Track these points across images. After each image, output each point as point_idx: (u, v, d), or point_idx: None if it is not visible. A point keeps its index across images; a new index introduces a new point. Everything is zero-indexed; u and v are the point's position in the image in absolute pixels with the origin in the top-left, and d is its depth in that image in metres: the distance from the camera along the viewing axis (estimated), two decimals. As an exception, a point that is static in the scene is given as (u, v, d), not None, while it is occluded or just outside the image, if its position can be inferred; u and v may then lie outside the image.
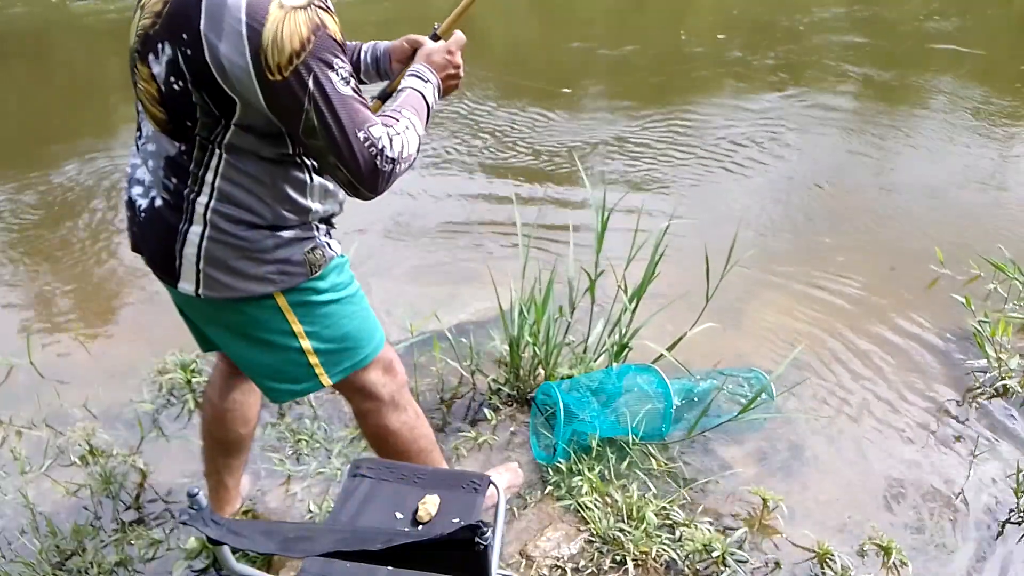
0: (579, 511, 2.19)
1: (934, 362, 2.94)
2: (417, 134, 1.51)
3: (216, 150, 1.42)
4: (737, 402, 2.60)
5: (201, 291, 1.51)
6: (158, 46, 1.38)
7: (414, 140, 1.50)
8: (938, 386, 2.81)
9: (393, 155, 1.42)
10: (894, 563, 2.11)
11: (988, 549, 2.19)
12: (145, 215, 1.54)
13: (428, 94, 1.59)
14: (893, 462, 2.47)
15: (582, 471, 2.28)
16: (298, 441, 2.50)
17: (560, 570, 2.05)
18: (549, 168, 4.55)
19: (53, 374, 2.88)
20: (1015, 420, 2.65)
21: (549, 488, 2.28)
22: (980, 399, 2.74)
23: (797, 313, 3.21)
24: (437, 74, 1.62)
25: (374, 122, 1.41)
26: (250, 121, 1.39)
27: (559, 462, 2.33)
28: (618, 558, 2.07)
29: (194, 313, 1.68)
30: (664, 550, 2.07)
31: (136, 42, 1.44)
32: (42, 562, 2.09)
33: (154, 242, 1.54)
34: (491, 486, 1.65)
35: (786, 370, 2.65)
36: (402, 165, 1.46)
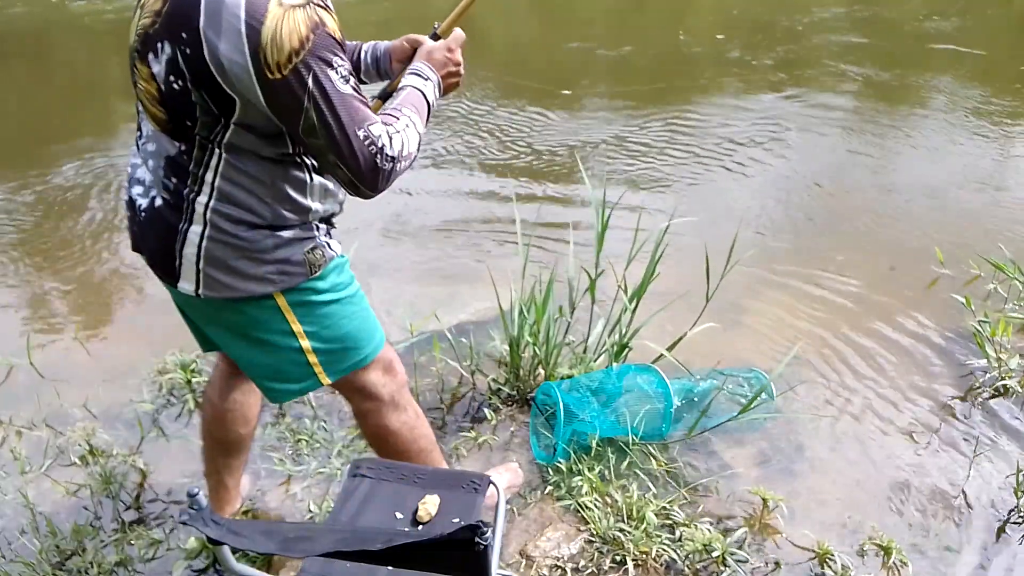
0: (579, 511, 2.19)
1: (934, 362, 2.94)
2: (417, 132, 1.51)
3: (216, 149, 1.42)
4: (737, 402, 2.60)
5: (201, 291, 1.51)
6: (158, 45, 1.38)
7: (414, 138, 1.50)
8: (938, 386, 2.81)
9: (393, 153, 1.42)
10: (894, 563, 2.11)
11: (988, 549, 2.19)
12: (145, 215, 1.54)
13: (428, 92, 1.59)
14: (893, 462, 2.47)
15: (582, 471, 2.28)
16: (298, 441, 2.50)
17: (560, 570, 2.05)
18: (549, 168, 4.55)
19: (53, 374, 2.88)
20: (1015, 420, 2.65)
21: (549, 488, 2.28)
22: (980, 399, 2.74)
23: (797, 313, 3.21)
24: (437, 72, 1.62)
25: (374, 120, 1.41)
26: (250, 120, 1.39)
27: (559, 462, 2.33)
28: (618, 558, 2.07)
29: (194, 313, 1.68)
30: (664, 550, 2.07)
31: (136, 41, 1.44)
32: (42, 562, 2.09)
33: (154, 242, 1.54)
34: (491, 486, 1.65)
35: (786, 370, 2.65)
36: (402, 163, 1.46)
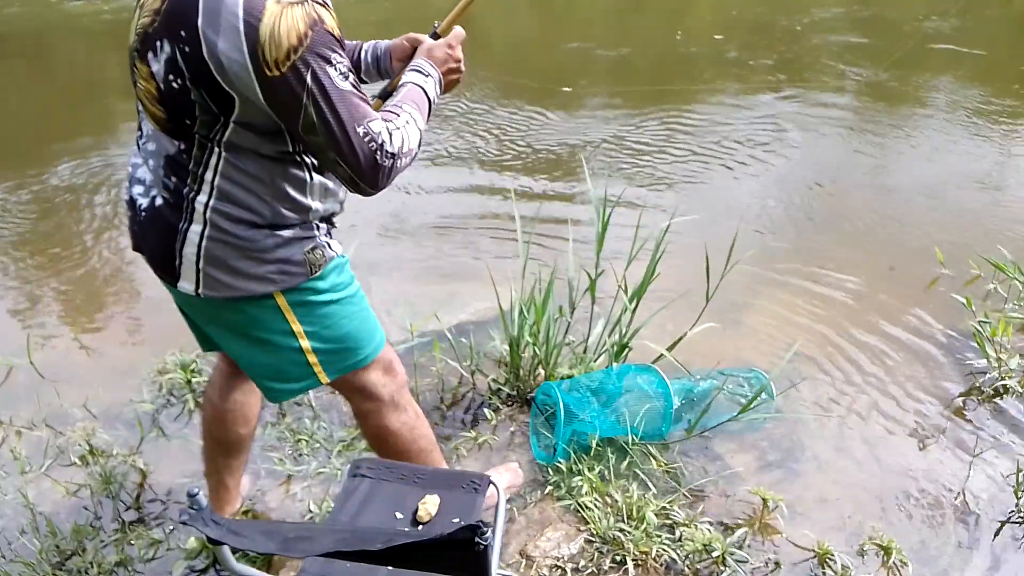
0: (579, 511, 2.19)
1: (934, 362, 2.94)
2: (418, 128, 1.51)
3: (216, 148, 1.42)
4: (737, 402, 2.59)
5: (201, 290, 1.51)
6: (157, 44, 1.38)
7: (415, 135, 1.49)
8: (938, 386, 2.81)
9: (393, 150, 1.42)
10: (894, 563, 2.11)
11: (988, 549, 2.19)
12: (145, 214, 1.54)
13: (429, 89, 1.59)
14: (893, 462, 2.47)
15: (582, 471, 2.28)
16: (298, 441, 2.50)
17: (560, 570, 2.04)
18: (549, 167, 4.55)
19: (53, 374, 2.87)
20: (1015, 420, 2.65)
21: (549, 488, 2.28)
22: (980, 399, 2.74)
23: (797, 313, 3.21)
24: (438, 69, 1.62)
25: (373, 117, 1.41)
26: (249, 118, 1.39)
27: (559, 462, 2.32)
28: (618, 558, 2.06)
29: (194, 312, 1.68)
30: (664, 550, 2.07)
31: (135, 41, 1.44)
32: (42, 562, 2.09)
33: (154, 241, 1.54)
34: (491, 486, 1.65)
35: (786, 369, 2.65)
36: (403, 160, 1.46)
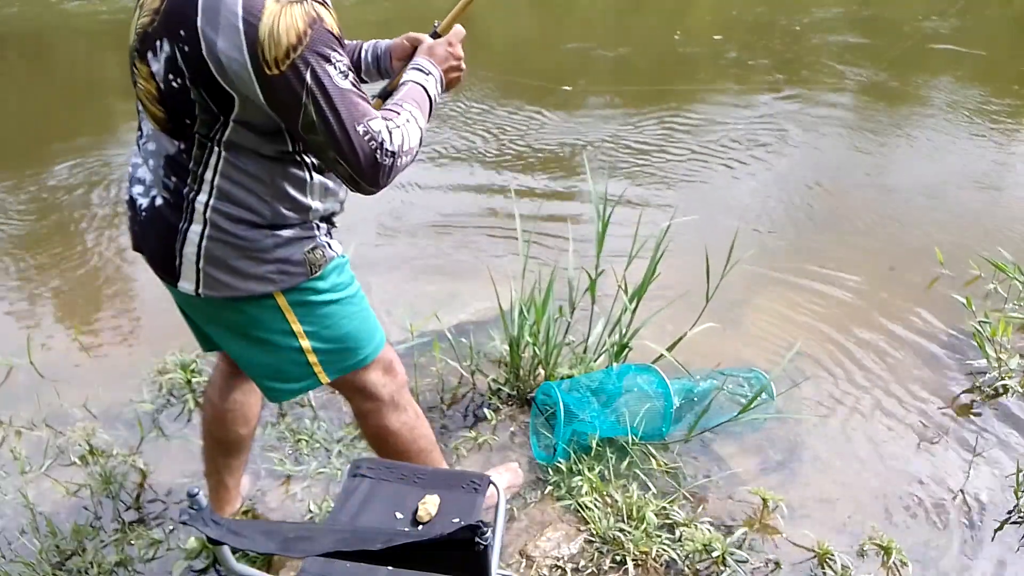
0: (579, 511, 2.19)
1: (934, 362, 2.94)
2: (419, 127, 1.50)
3: (215, 148, 1.42)
4: (737, 402, 2.59)
5: (201, 290, 1.51)
6: (156, 44, 1.38)
7: (415, 133, 1.49)
8: (938, 386, 2.81)
9: (393, 148, 1.42)
10: (894, 563, 2.11)
11: (988, 549, 2.19)
12: (146, 214, 1.54)
13: (430, 87, 1.58)
14: (893, 462, 2.47)
15: (582, 471, 2.28)
16: (298, 441, 2.50)
17: (560, 570, 2.04)
18: (549, 167, 4.55)
19: (53, 374, 2.87)
20: (1015, 420, 2.65)
21: (549, 488, 2.28)
22: (980, 399, 2.74)
23: (797, 313, 3.21)
24: (439, 67, 1.61)
25: (373, 115, 1.41)
26: (249, 118, 1.39)
27: (559, 462, 2.32)
28: (618, 558, 2.06)
29: (195, 312, 1.68)
30: (664, 550, 2.07)
31: (135, 40, 1.44)
32: (42, 562, 2.09)
33: (154, 241, 1.54)
34: (491, 486, 1.65)
35: (786, 370, 2.65)
36: (403, 158, 1.45)
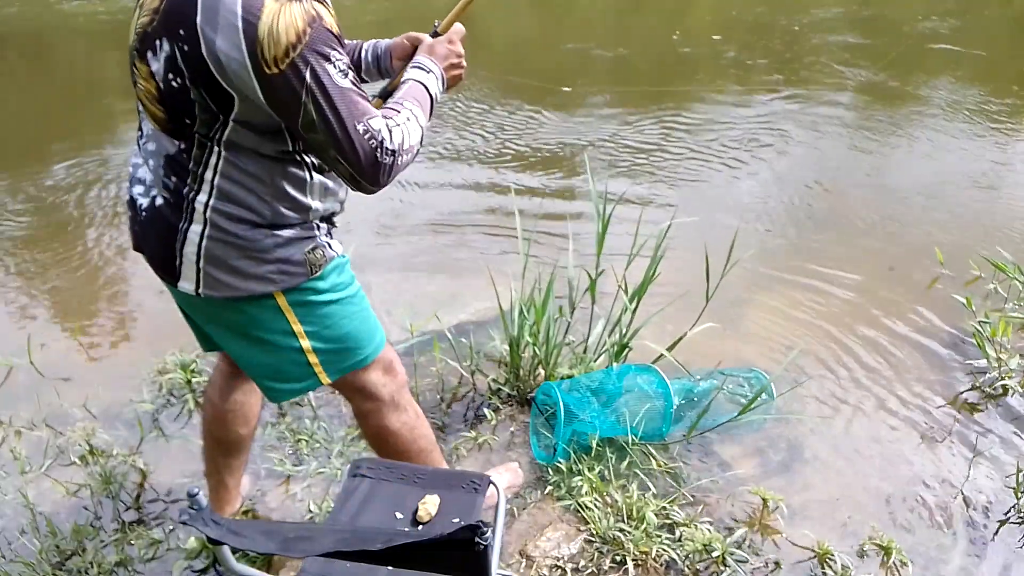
0: (579, 511, 2.19)
1: (934, 362, 2.94)
2: (419, 125, 1.50)
3: (215, 148, 1.42)
4: (737, 402, 2.60)
5: (201, 290, 1.51)
6: (156, 43, 1.38)
7: (416, 131, 1.49)
8: (938, 386, 2.81)
9: (393, 147, 1.42)
10: (894, 563, 2.11)
11: (988, 549, 2.19)
12: (146, 214, 1.54)
13: (431, 85, 1.58)
14: (893, 462, 2.47)
15: (582, 471, 2.28)
16: (298, 441, 2.50)
17: (560, 570, 2.04)
18: (548, 166, 4.56)
19: (53, 374, 2.87)
20: (1015, 420, 2.65)
21: (549, 488, 2.28)
22: (980, 399, 2.74)
23: (797, 313, 3.21)
24: (440, 64, 1.61)
25: (374, 114, 1.41)
26: (249, 117, 1.39)
27: (559, 462, 2.32)
28: (618, 558, 2.07)
29: (195, 312, 1.68)
30: (664, 550, 2.07)
31: (135, 40, 1.44)
32: (42, 562, 2.09)
33: (155, 241, 1.54)
34: (491, 486, 1.65)
35: (787, 370, 2.65)
36: (404, 157, 1.45)
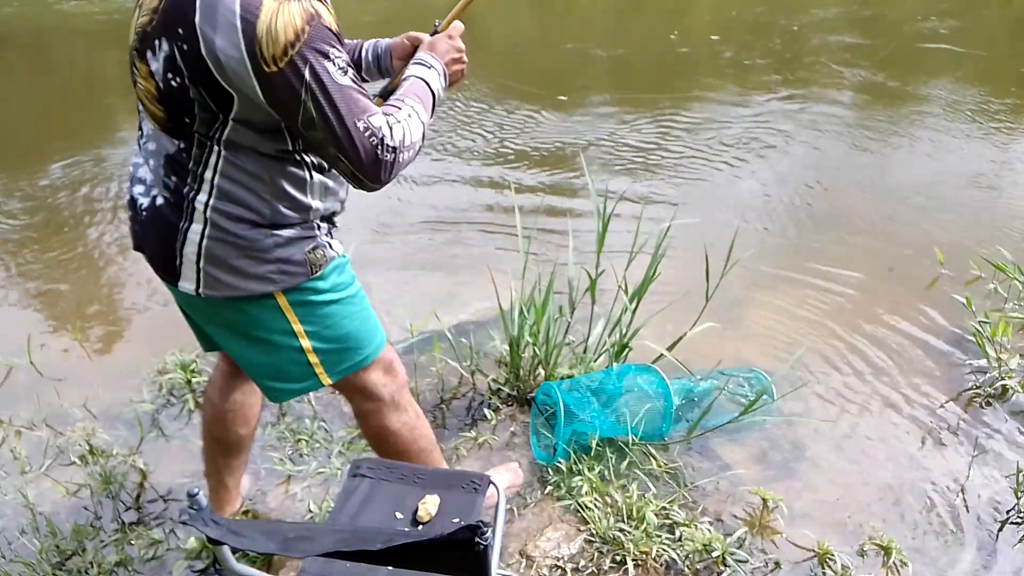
0: (579, 511, 2.19)
1: (934, 362, 2.94)
2: (421, 121, 1.50)
3: (215, 147, 1.42)
4: (737, 402, 2.60)
5: (201, 290, 1.51)
6: (155, 43, 1.38)
7: (417, 127, 1.48)
8: (938, 386, 2.81)
9: (394, 144, 1.41)
10: (894, 563, 2.11)
11: (988, 549, 2.19)
12: (146, 214, 1.54)
13: (432, 81, 1.58)
14: (893, 462, 2.47)
15: (582, 471, 2.28)
16: (298, 441, 2.50)
17: (560, 570, 2.04)
18: (548, 166, 4.55)
19: (53, 374, 2.87)
20: (1015, 420, 2.65)
21: (549, 488, 2.28)
22: (980, 399, 2.74)
23: (797, 313, 3.21)
24: (441, 60, 1.61)
25: (374, 111, 1.41)
26: (248, 116, 1.39)
27: (559, 462, 2.32)
28: (618, 558, 2.07)
29: (195, 312, 1.68)
30: (664, 550, 2.07)
31: (135, 40, 1.44)
32: (42, 562, 2.09)
33: (155, 241, 1.54)
34: (491, 486, 1.65)
35: (792, 368, 2.64)
36: (405, 154, 1.45)
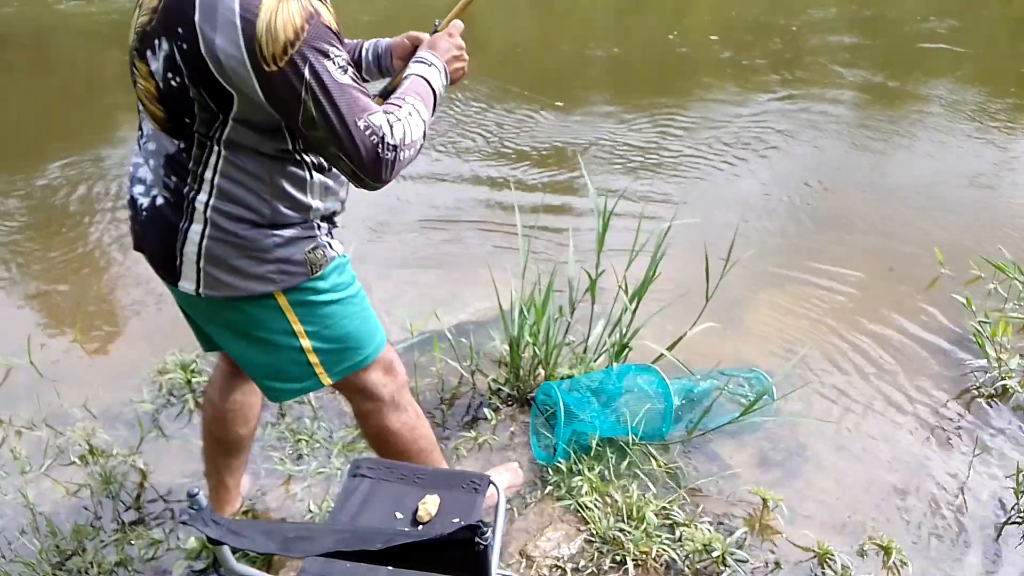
0: (579, 511, 2.19)
1: (934, 362, 2.94)
2: (422, 119, 1.49)
3: (215, 147, 1.42)
4: (737, 402, 2.60)
5: (201, 290, 1.51)
6: (155, 42, 1.38)
7: (418, 125, 1.48)
8: (938, 386, 2.81)
9: (395, 142, 1.41)
10: (894, 563, 2.11)
11: (988, 549, 2.19)
12: (146, 214, 1.54)
13: (433, 78, 1.57)
14: (893, 462, 2.47)
15: (582, 471, 2.28)
16: (298, 441, 2.50)
17: (560, 570, 2.04)
18: (549, 167, 4.55)
19: (53, 374, 2.87)
20: (1015, 420, 2.65)
21: (549, 488, 2.28)
22: (980, 399, 2.74)
23: (797, 313, 3.21)
24: (442, 58, 1.61)
25: (374, 110, 1.40)
26: (248, 115, 1.39)
27: (559, 462, 2.32)
28: (618, 558, 2.07)
29: (195, 312, 1.68)
30: (664, 550, 2.07)
31: (135, 40, 1.44)
32: (42, 562, 2.09)
33: (155, 241, 1.54)
34: (491, 486, 1.65)
35: (795, 367, 2.64)
36: (406, 152, 1.44)
